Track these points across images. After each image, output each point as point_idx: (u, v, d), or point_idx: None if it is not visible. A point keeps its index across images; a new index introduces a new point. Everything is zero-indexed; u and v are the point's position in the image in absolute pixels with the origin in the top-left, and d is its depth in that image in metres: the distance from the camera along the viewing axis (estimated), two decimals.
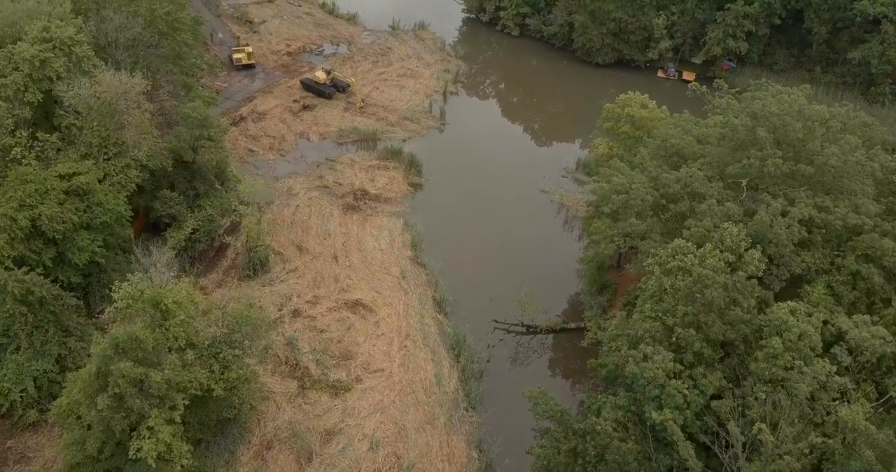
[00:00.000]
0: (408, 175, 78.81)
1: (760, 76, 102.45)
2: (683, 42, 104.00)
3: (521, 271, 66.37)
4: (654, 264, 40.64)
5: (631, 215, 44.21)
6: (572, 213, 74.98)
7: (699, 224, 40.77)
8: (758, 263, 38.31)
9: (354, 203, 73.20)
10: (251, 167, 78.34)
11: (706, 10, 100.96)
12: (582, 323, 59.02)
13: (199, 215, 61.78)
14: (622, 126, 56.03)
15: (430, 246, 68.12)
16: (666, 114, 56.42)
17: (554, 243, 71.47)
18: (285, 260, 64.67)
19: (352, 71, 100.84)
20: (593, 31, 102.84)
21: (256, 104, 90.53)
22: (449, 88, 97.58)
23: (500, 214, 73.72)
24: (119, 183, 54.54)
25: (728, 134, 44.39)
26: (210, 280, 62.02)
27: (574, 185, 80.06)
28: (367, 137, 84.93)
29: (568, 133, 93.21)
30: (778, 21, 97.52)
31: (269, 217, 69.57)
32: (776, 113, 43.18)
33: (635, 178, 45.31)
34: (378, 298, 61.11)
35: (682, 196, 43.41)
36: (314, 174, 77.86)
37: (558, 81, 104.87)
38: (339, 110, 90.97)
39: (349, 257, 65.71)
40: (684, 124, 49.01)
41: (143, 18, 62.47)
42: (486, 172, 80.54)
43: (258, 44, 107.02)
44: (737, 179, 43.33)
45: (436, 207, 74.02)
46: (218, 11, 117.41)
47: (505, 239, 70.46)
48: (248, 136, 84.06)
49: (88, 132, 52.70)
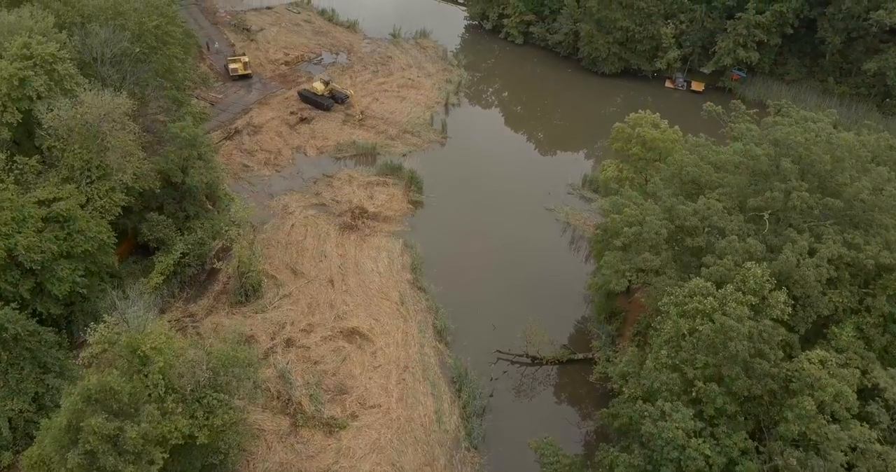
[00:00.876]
0: (408, 192, 75.98)
1: (771, 86, 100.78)
2: (692, 51, 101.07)
3: (526, 295, 63.55)
4: (669, 304, 37.81)
5: (644, 250, 41.37)
6: (579, 232, 72.08)
7: (719, 263, 37.92)
8: (783, 306, 35.46)
9: (352, 222, 70.36)
10: (245, 184, 75.63)
11: (716, 20, 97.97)
12: (590, 354, 56.19)
13: (189, 239, 59.11)
14: (632, 147, 53.17)
15: (430, 268, 65.28)
16: (679, 134, 53.59)
17: (560, 264, 68.59)
18: (279, 284, 61.88)
19: (351, 81, 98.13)
20: (599, 39, 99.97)
21: (252, 116, 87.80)
22: (451, 100, 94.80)
23: (504, 234, 70.86)
24: (103, 207, 51.83)
25: (749, 163, 41.55)
26: (200, 306, 59.24)
27: (580, 201, 77.18)
28: (365, 152, 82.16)
29: (573, 146, 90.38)
30: (790, 31, 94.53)
31: (264, 238, 66.82)
32: (802, 143, 40.28)
33: (649, 209, 42.45)
34: (375, 325, 58.29)
35: (700, 230, 40.58)
36: (311, 191, 75.08)
37: (563, 91, 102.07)
38: (338, 123, 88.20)
39: (346, 281, 62.90)
40: (701, 150, 46.14)
41: (130, 32, 59.78)
42: (489, 188, 77.72)
43: (255, 53, 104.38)
44: (758, 212, 40.47)
45: (436, 227, 71.20)
46: (215, 19, 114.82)
47: (508, 260, 67.63)
48: (243, 150, 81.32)
49: (70, 155, 49.95)
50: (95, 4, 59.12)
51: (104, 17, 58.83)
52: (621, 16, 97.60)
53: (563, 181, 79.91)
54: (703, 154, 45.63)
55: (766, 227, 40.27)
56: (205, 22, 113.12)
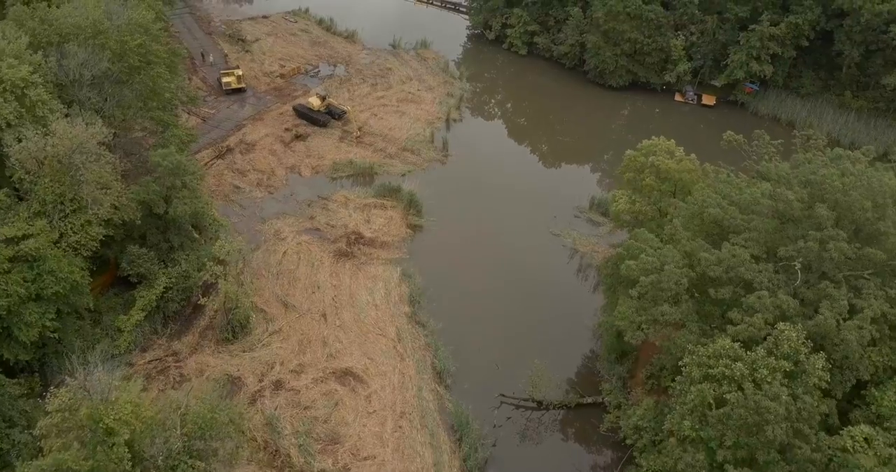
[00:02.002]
0: (406, 215, 72.34)
1: (785, 100, 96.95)
2: (703, 64, 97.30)
3: (531, 328, 59.95)
4: (691, 365, 34.19)
5: (663, 301, 37.76)
6: (586, 260, 68.33)
7: (748, 321, 34.32)
8: (822, 373, 31.84)
9: (347, 249, 66.76)
10: (236, 207, 72.06)
11: (728, 31, 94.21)
12: (600, 397, 52.48)
13: (173, 271, 55.54)
14: (646, 177, 49.49)
15: (429, 300, 61.70)
16: (696, 164, 49.91)
17: (566, 294, 64.91)
18: (268, 319, 58.30)
19: (349, 95, 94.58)
20: (607, 52, 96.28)
21: (245, 133, 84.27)
22: (452, 115, 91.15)
23: (507, 261, 67.21)
24: (78, 243, 48.31)
25: (780, 208, 37.86)
26: (185, 343, 55.64)
27: (587, 225, 73.47)
28: (363, 172, 78.53)
29: (580, 164, 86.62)
30: (806, 43, 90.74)
31: (254, 266, 63.23)
32: (839, 188, 36.60)
33: (667, 254, 38.77)
34: (370, 366, 54.65)
35: (725, 281, 36.96)
36: (305, 215, 71.50)
37: (568, 104, 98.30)
38: (334, 140, 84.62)
39: (340, 315, 59.29)
40: (723, 187, 42.45)
41: (111, 52, 56.24)
42: (492, 211, 74.07)
43: (250, 64, 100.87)
44: (789, 261, 36.80)
45: (436, 253, 67.56)
46: (209, 28, 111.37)
47: (512, 290, 64.04)
48: (235, 170, 77.75)
49: (41, 188, 46.43)
50: (74, 23, 55.56)
51: (83, 36, 55.26)
52: (629, 27, 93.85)
53: (569, 203, 76.21)
54: (726, 192, 41.96)
55: (797, 278, 36.65)
56: (199, 32, 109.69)
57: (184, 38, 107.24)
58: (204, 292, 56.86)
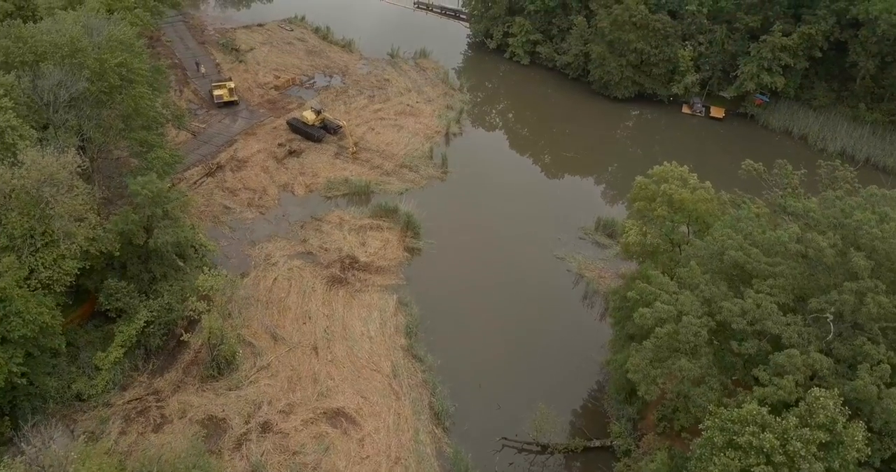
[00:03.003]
0: (404, 238, 69.14)
1: (797, 112, 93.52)
2: (711, 75, 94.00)
3: (534, 362, 56.74)
4: (714, 429, 31.01)
5: (680, 355, 34.54)
6: (592, 286, 65.03)
7: (777, 383, 31.13)
8: (861, 445, 28.68)
9: (341, 275, 63.55)
10: (226, 229, 68.87)
11: (737, 42, 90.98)
12: (608, 441, 49.22)
13: (155, 304, 52.33)
14: (657, 207, 46.27)
15: (427, 331, 58.49)
16: (711, 193, 46.68)
17: (572, 323, 61.66)
18: (257, 353, 55.07)
19: (345, 107, 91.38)
20: (612, 62, 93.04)
21: (237, 149, 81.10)
22: (452, 129, 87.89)
23: (509, 287, 63.96)
24: (50, 279, 45.11)
25: (810, 254, 34.59)
26: (167, 380, 52.43)
27: (593, 247, 70.18)
28: (358, 191, 75.28)
29: (584, 181, 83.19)
30: (819, 54, 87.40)
31: (242, 295, 59.92)
32: (878, 235, 33.37)
33: (685, 302, 35.55)
34: (364, 405, 51.39)
35: (750, 334, 33.75)
36: (297, 237, 68.31)
37: (572, 116, 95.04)
38: (329, 156, 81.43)
39: (332, 348, 56.05)
40: (744, 227, 39.19)
41: (90, 71, 53.05)
42: (493, 232, 70.84)
43: (243, 75, 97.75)
44: (821, 313, 33.60)
45: (434, 280, 64.29)
46: (202, 37, 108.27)
47: (514, 319, 60.81)
48: (226, 189, 74.57)
49: (9, 222, 43.25)
50: (50, 41, 52.39)
51: (60, 55, 52.08)
52: (635, 37, 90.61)
53: (573, 223, 72.98)
54: (747, 231, 38.71)
55: (830, 332, 33.44)
56: (192, 41, 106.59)
57: (176, 47, 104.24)
58: (187, 327, 53.72)
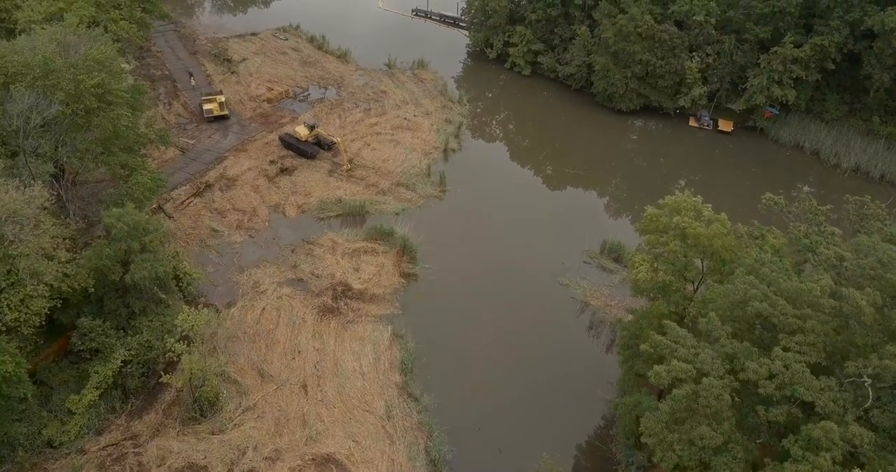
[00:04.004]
0: (399, 262, 65.95)
1: (809, 125, 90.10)
2: (720, 87, 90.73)
3: (537, 399, 53.61)
4: None
5: (701, 422, 31.36)
6: (598, 315, 61.79)
7: (812, 460, 27.96)
8: None
9: (333, 304, 60.38)
10: (213, 254, 65.70)
11: (746, 53, 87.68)
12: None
13: (133, 341, 49.17)
14: (669, 241, 43.10)
15: (423, 367, 55.31)
16: (727, 226, 43.43)
17: (576, 355, 58.43)
18: (242, 392, 51.87)
19: (340, 121, 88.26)
20: (616, 74, 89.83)
21: (226, 167, 77.91)
22: (450, 145, 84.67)
23: (510, 316, 60.77)
24: (16, 321, 41.99)
25: (846, 311, 31.49)
26: (146, 423, 49.24)
27: (598, 272, 66.95)
28: (353, 212, 72.08)
29: (589, 199, 79.77)
30: (832, 66, 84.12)
31: (228, 327, 56.91)
32: None
33: (705, 360, 32.33)
34: (355, 450, 48.19)
35: (779, 399, 30.60)
36: (287, 262, 65.12)
37: (575, 128, 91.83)
38: (323, 174, 78.24)
39: (322, 386, 52.85)
40: (768, 273, 35.95)
41: (64, 93, 49.91)
42: (493, 255, 67.63)
43: (235, 87, 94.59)
44: (858, 378, 30.47)
45: (431, 309, 61.10)
46: (194, 47, 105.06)
47: (515, 351, 57.63)
48: (214, 210, 71.38)
49: None
50: (22, 61, 49.28)
51: (32, 76, 48.95)
52: (641, 48, 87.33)
53: (578, 245, 69.76)
54: (772, 278, 35.49)
55: (869, 398, 30.30)
56: (182, 51, 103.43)
57: (166, 57, 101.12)
58: (167, 366, 50.51)
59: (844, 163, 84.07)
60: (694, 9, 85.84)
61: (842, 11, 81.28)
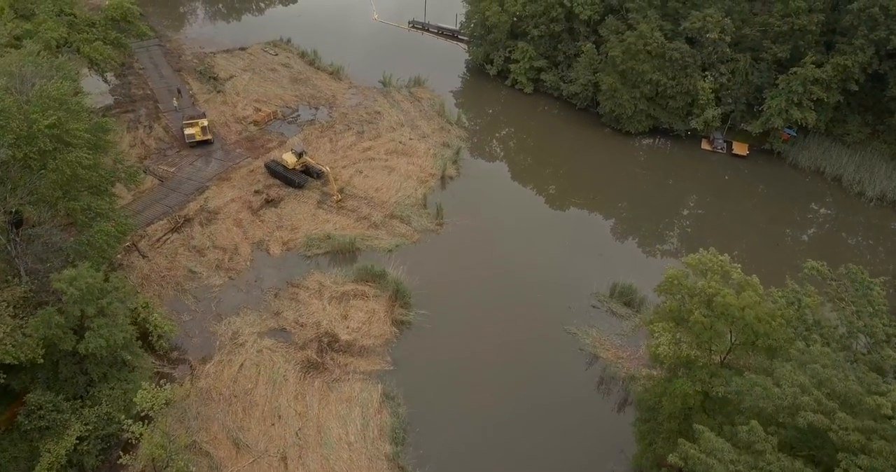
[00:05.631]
0: (392, 308, 60.69)
1: (829, 149, 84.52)
2: (734, 108, 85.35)
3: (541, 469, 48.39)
4: None
5: None
6: (609, 370, 56.44)
7: None
8: None
9: (318, 358, 55.15)
10: (190, 299, 60.50)
11: (763, 72, 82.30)
12: None
13: (91, 414, 43.97)
14: (694, 309, 37.87)
15: (416, 434, 50.05)
16: (759, 292, 38.21)
17: (585, 415, 53.20)
18: (214, 466, 46.64)
19: (331, 146, 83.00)
20: (624, 94, 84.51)
21: (208, 198, 72.72)
22: (448, 171, 79.34)
23: (513, 373, 55.52)
24: None
25: None
26: None
27: (608, 318, 61.63)
28: (342, 249, 66.84)
29: (596, 233, 74.03)
30: (855, 87, 78.76)
31: (202, 387, 51.71)
32: None
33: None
34: None
35: None
36: (270, 309, 59.92)
37: (580, 150, 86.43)
38: (311, 205, 72.96)
39: (304, 459, 47.62)
40: (818, 371, 30.62)
41: (14, 135, 44.74)
42: (494, 299, 62.38)
43: (221, 108, 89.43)
44: None
45: (426, 364, 55.82)
46: (179, 64, 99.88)
47: (518, 415, 52.38)
48: (192, 248, 66.16)
49: None
50: None
51: None
52: (650, 68, 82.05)
53: (585, 286, 64.45)
54: (824, 376, 30.22)
55: None
56: (167, 68, 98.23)
57: (149, 75, 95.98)
58: (127, 445, 45.20)
59: (869, 191, 78.74)
60: (707, 26, 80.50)
61: (866, 29, 75.91)
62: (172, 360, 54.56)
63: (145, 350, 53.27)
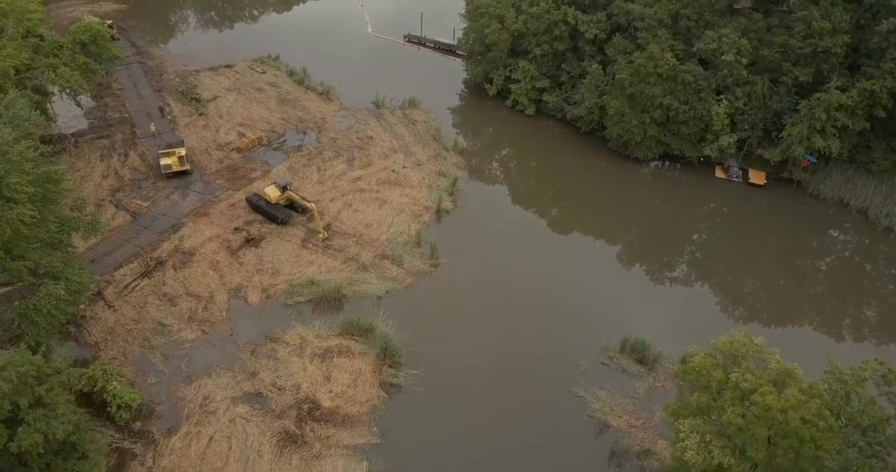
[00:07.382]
0: (380, 367, 55.02)
1: (853, 178, 78.64)
2: (751, 134, 79.56)
3: None
4: None
5: None
6: (622, 442, 50.66)
7: None
8: None
9: (296, 430, 49.54)
10: (157, 357, 54.93)
11: (783, 97, 76.50)
12: None
13: None
14: (726, 406, 32.23)
15: None
16: (803, 385, 32.52)
17: None
18: None
19: (318, 175, 77.46)
20: (633, 119, 78.85)
21: (183, 236, 67.22)
22: (444, 204, 73.65)
23: (515, 447, 49.74)
24: None
25: None
26: None
27: (619, 377, 55.86)
28: (327, 296, 61.21)
29: (604, 274, 67.75)
30: (882, 114, 73.00)
31: (165, 466, 46.12)
32: None
33: None
34: None
35: None
36: (245, 369, 54.35)
37: (585, 179, 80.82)
38: (295, 244, 67.37)
39: None
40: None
41: None
42: (493, 355, 56.71)
43: (202, 132, 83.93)
44: None
45: (417, 436, 50.14)
46: (160, 83, 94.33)
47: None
48: (163, 295, 60.62)
49: None
50: None
51: None
52: (661, 91, 76.35)
53: (594, 339, 58.68)
54: None
55: None
56: (147, 88, 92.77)
57: (128, 96, 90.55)
58: None
59: None
60: (723, 47, 74.75)
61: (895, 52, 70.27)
62: (134, 432, 48.97)
63: (103, 422, 47.96)
